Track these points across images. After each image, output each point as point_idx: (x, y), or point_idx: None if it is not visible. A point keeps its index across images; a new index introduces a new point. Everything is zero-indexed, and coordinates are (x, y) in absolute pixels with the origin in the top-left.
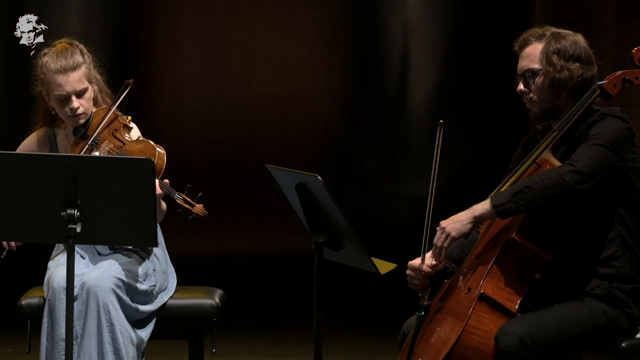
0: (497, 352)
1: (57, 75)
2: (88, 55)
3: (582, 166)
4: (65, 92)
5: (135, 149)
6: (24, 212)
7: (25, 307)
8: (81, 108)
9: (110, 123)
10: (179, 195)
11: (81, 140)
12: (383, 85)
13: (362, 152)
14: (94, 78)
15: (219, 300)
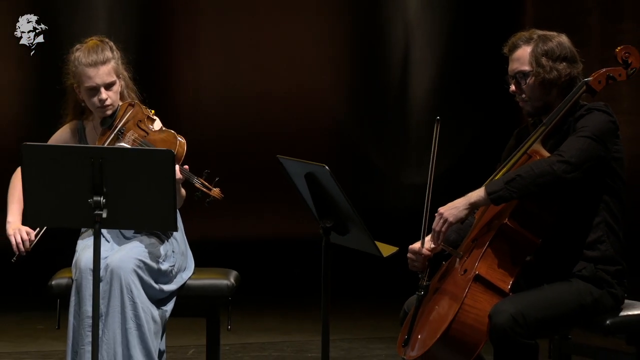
0: (491, 329)
1: (88, 68)
2: (117, 52)
3: (569, 156)
4: (94, 83)
5: (158, 138)
6: (55, 199)
7: (55, 287)
8: (109, 100)
9: (136, 115)
10: (197, 179)
11: (108, 130)
12: (385, 82)
13: (366, 143)
14: (121, 74)
15: (234, 281)
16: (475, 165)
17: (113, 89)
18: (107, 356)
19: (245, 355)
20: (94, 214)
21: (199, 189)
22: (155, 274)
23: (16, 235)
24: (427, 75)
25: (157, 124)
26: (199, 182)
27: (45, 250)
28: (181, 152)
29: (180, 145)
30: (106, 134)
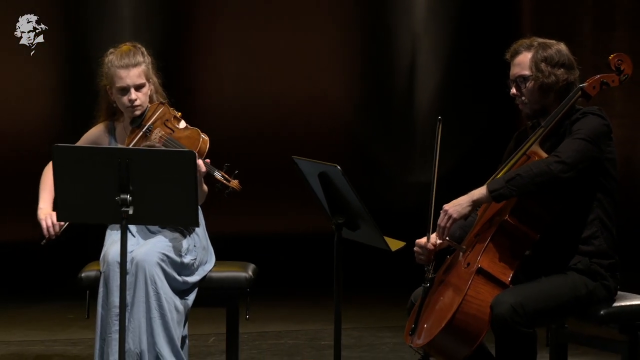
0: (492, 319)
1: (120, 69)
2: (148, 57)
3: (566, 157)
4: (125, 84)
5: (183, 135)
6: (84, 196)
7: (84, 279)
8: (138, 100)
9: (163, 115)
10: (218, 172)
11: (137, 129)
12: (393, 87)
13: (375, 144)
14: (151, 78)
15: (252, 273)
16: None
17: (142, 90)
18: (132, 343)
19: (263, 343)
20: (120, 210)
21: (219, 181)
22: (178, 266)
23: (47, 220)
24: (432, 81)
25: (182, 124)
26: (219, 174)
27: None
28: (204, 148)
29: (204, 141)
30: (135, 132)
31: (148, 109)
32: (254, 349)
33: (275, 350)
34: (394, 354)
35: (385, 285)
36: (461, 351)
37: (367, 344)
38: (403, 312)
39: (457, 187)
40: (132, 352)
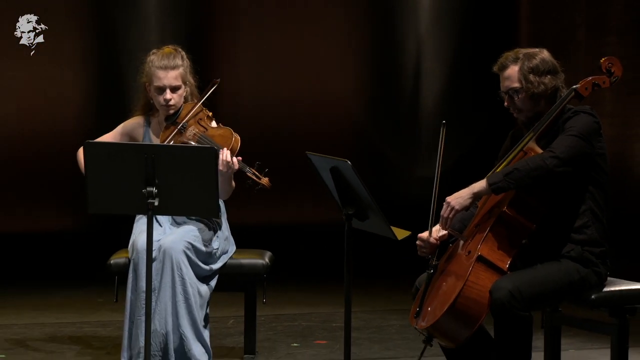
0: (491, 303)
1: (159, 70)
2: (186, 61)
3: (559, 152)
4: (162, 84)
5: (216, 134)
6: (114, 189)
7: (114, 266)
8: (172, 100)
9: (197, 114)
10: (249, 169)
11: (172, 126)
12: (400, 89)
13: (383, 141)
14: (188, 81)
15: (268, 260)
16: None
17: (178, 92)
18: (159, 325)
19: (279, 325)
20: (147, 202)
21: (250, 178)
22: (202, 255)
23: None
24: (436, 83)
25: (214, 123)
26: (251, 171)
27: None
28: (236, 146)
29: (236, 140)
30: (170, 129)
31: (182, 107)
32: (270, 330)
33: (290, 332)
34: (399, 335)
35: (392, 271)
36: (462, 333)
37: (375, 326)
38: (408, 297)
39: (458, 182)
40: (158, 332)
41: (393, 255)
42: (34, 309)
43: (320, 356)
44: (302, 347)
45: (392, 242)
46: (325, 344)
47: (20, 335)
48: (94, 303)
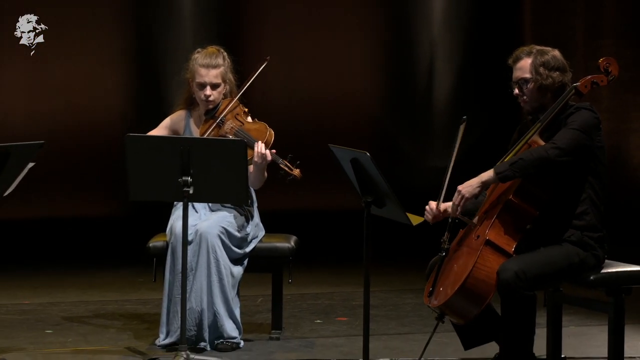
0: (498, 283)
1: (202, 68)
2: (227, 61)
3: (561, 144)
4: (203, 81)
5: (252, 128)
6: (153, 178)
7: (152, 249)
8: (212, 97)
9: (234, 109)
10: (282, 161)
11: (210, 119)
12: (414, 87)
13: (399, 135)
14: (228, 79)
15: (294, 244)
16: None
17: (217, 89)
18: (194, 302)
19: (303, 303)
20: (182, 190)
21: (283, 169)
22: (235, 239)
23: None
24: (447, 82)
25: (249, 118)
26: (284, 163)
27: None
28: (270, 140)
29: (270, 134)
30: (209, 122)
31: (221, 103)
32: (295, 308)
33: (313, 309)
34: (414, 313)
35: (407, 254)
36: (472, 310)
37: (391, 304)
38: (422, 277)
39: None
40: (194, 309)
41: (408, 240)
42: (79, 288)
43: (341, 332)
44: (324, 324)
45: (407, 227)
46: (346, 321)
47: (66, 312)
48: (134, 283)
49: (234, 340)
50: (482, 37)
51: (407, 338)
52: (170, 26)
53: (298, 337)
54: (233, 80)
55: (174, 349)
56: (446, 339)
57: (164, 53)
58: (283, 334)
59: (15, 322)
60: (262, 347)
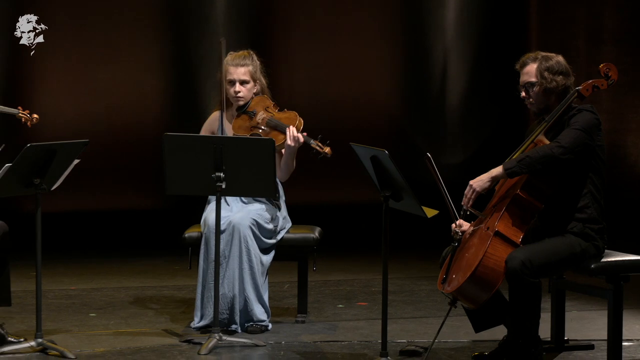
0: (506, 271)
1: (231, 66)
2: (256, 62)
3: (565, 143)
4: (232, 77)
5: (283, 117)
6: (189, 174)
7: (188, 239)
8: (241, 93)
9: (264, 103)
10: (313, 141)
11: (243, 114)
12: (429, 89)
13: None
14: (258, 79)
15: (318, 235)
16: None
17: (246, 86)
18: (227, 288)
19: (326, 289)
20: (216, 185)
21: (314, 148)
22: (264, 230)
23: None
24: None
25: (279, 110)
26: (315, 142)
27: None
28: (300, 126)
29: (300, 121)
30: (241, 117)
31: (252, 99)
32: (319, 293)
33: (336, 295)
34: (428, 298)
35: (422, 244)
36: (482, 296)
37: (408, 290)
38: (436, 266)
39: (477, 167)
40: (226, 295)
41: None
42: (121, 275)
43: (361, 315)
44: (346, 308)
45: (422, 220)
46: (366, 305)
47: (108, 297)
48: (171, 270)
49: (262, 323)
50: (492, 44)
51: (422, 321)
52: (205, 34)
53: (322, 321)
54: (264, 81)
55: (207, 331)
56: (458, 323)
57: (199, 59)
58: (308, 318)
59: (62, 306)
60: (289, 329)
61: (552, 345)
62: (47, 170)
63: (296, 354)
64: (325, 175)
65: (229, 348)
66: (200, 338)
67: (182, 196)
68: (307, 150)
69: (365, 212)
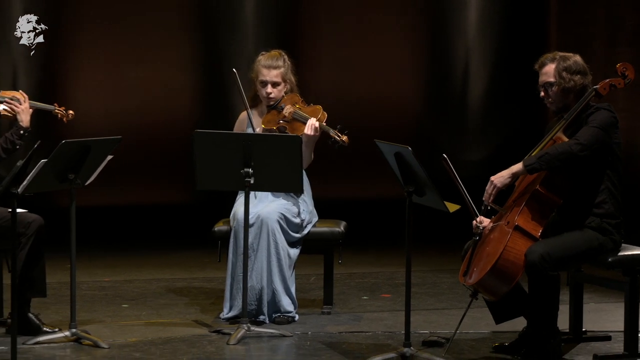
0: (526, 264)
1: (264, 68)
2: (288, 63)
3: (583, 140)
4: (265, 79)
5: (308, 110)
6: (218, 170)
7: (217, 232)
8: (272, 94)
9: (292, 99)
10: (332, 130)
11: (273, 109)
12: (451, 88)
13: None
14: (288, 79)
15: (343, 229)
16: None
17: (278, 87)
18: (255, 280)
19: (351, 281)
20: (244, 180)
21: (332, 137)
22: (292, 224)
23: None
24: (480, 84)
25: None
26: (333, 132)
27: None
28: (323, 118)
29: (323, 114)
30: (271, 112)
31: (282, 98)
32: (344, 285)
33: (360, 287)
34: (450, 290)
35: (444, 238)
36: (502, 288)
37: (430, 283)
38: (458, 259)
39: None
40: (254, 287)
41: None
42: (152, 267)
43: (385, 307)
44: (370, 300)
45: (444, 214)
46: (390, 297)
47: (140, 288)
48: (201, 263)
49: (290, 314)
50: (512, 44)
51: (444, 313)
52: (234, 34)
53: (347, 312)
54: (294, 80)
55: (236, 322)
56: (479, 314)
57: (228, 58)
58: (333, 309)
59: (96, 297)
60: (315, 320)
61: (570, 336)
62: (82, 166)
63: (322, 344)
64: (351, 171)
65: (257, 338)
66: (229, 328)
67: (212, 191)
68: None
69: (389, 207)
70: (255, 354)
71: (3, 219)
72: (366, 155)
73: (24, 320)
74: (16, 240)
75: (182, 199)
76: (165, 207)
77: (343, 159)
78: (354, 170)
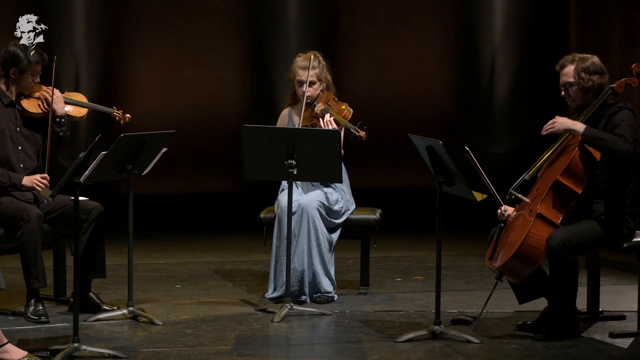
0: (547, 249)
1: (300, 69)
2: (322, 63)
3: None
4: (301, 79)
5: (336, 107)
6: (264, 161)
7: (263, 219)
8: (308, 93)
9: (326, 97)
10: (352, 126)
11: (308, 107)
12: (478, 86)
13: (466, 126)
14: (324, 78)
15: (379, 216)
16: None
17: (313, 86)
18: (297, 263)
19: (386, 264)
20: (288, 171)
21: (352, 132)
22: (330, 212)
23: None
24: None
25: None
26: (353, 128)
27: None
28: (348, 115)
29: (348, 111)
30: (307, 110)
31: (317, 96)
32: (380, 268)
33: (395, 270)
34: (477, 273)
35: (472, 225)
36: (525, 271)
37: (459, 266)
38: (484, 244)
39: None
40: (296, 269)
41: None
42: (203, 251)
43: (417, 288)
44: (403, 281)
45: (472, 203)
46: (421, 279)
47: (192, 270)
48: (248, 247)
49: (329, 295)
50: (535, 46)
51: (471, 294)
52: (278, 35)
53: (382, 293)
54: (329, 78)
55: (280, 301)
56: (504, 295)
57: (273, 58)
58: (369, 290)
59: (151, 278)
60: (353, 300)
61: (587, 316)
62: (139, 158)
63: (359, 322)
64: (386, 162)
65: (299, 316)
66: (273, 307)
67: (258, 181)
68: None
69: (421, 196)
70: (297, 331)
71: (67, 206)
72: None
73: (86, 299)
74: (78, 226)
75: (230, 188)
76: (215, 196)
77: (379, 152)
78: (389, 162)
